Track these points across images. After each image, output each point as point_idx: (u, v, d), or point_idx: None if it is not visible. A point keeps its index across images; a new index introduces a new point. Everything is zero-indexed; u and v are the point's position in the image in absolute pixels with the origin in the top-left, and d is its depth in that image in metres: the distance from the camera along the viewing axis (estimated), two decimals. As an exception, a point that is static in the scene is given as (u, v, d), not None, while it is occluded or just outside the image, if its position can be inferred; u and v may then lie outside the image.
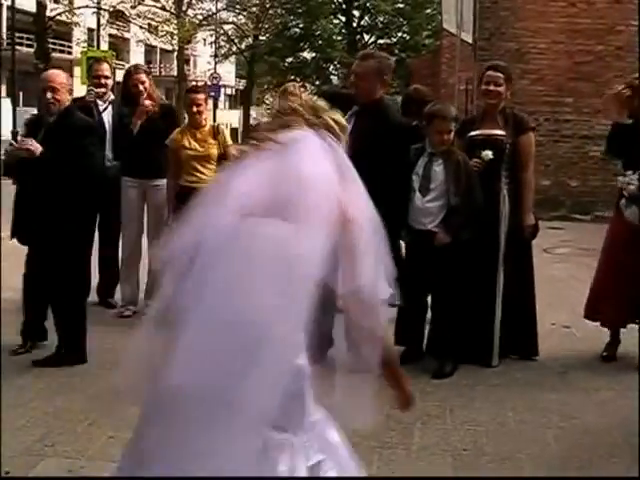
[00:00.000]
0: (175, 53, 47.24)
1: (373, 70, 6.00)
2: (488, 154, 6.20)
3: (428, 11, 39.18)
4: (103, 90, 7.72)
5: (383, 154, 5.78)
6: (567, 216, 12.27)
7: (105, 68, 7.91)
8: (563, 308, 7.46)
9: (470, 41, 15.73)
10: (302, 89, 8.34)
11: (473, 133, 6.34)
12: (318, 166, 2.64)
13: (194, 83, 36.23)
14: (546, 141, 12.88)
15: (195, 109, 7.21)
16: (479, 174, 6.14)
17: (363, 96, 5.99)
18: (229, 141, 7.39)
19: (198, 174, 7.19)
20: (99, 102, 7.68)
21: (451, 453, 4.76)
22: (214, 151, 7.22)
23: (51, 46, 38.42)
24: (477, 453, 4.78)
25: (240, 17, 47.38)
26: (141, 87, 7.43)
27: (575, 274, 9.02)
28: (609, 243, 6.33)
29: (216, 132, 7.29)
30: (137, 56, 46.56)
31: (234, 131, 46.30)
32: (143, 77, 7.50)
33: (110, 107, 7.73)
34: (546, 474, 4.57)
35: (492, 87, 6.34)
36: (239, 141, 37.19)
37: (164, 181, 7.49)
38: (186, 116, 7.52)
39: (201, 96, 7.29)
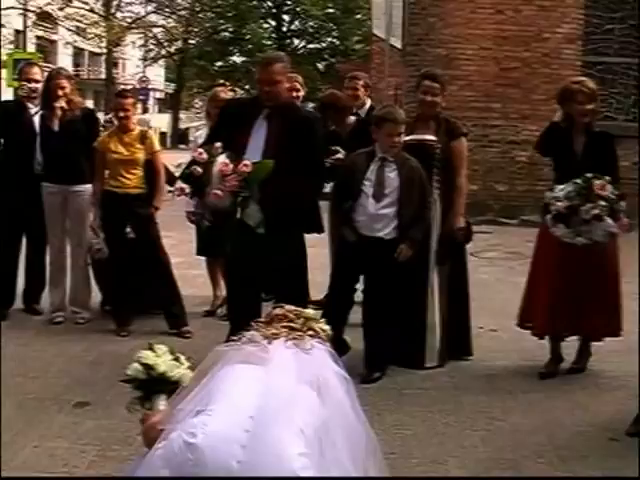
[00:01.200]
0: (104, 56, 46.77)
1: (279, 73, 5.97)
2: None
3: (358, 16, 39.33)
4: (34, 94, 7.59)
5: (300, 151, 5.80)
6: (495, 220, 12.42)
7: (35, 71, 7.79)
8: (490, 311, 7.54)
9: (399, 46, 15.81)
10: (231, 93, 8.33)
11: (406, 138, 6.33)
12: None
13: (122, 87, 35.90)
14: (474, 146, 12.94)
15: (123, 114, 7.15)
16: None
17: (273, 99, 5.94)
18: (157, 147, 7.35)
19: (122, 179, 7.14)
20: (29, 105, 7.57)
21: (379, 457, 4.78)
22: (140, 156, 7.16)
23: (-24, 48, 37.78)
24: (405, 457, 4.82)
25: (169, 20, 47.13)
26: (60, 92, 7.31)
27: (502, 277, 9.13)
28: (539, 254, 6.33)
29: (144, 137, 7.23)
30: (65, 59, 45.92)
31: (163, 135, 45.93)
32: (64, 82, 7.37)
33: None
34: (473, 477, 4.62)
35: (429, 98, 6.45)
36: (168, 145, 36.96)
37: (85, 187, 7.43)
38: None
39: (129, 100, 7.23)
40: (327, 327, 3.46)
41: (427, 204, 6.13)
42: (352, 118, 7.62)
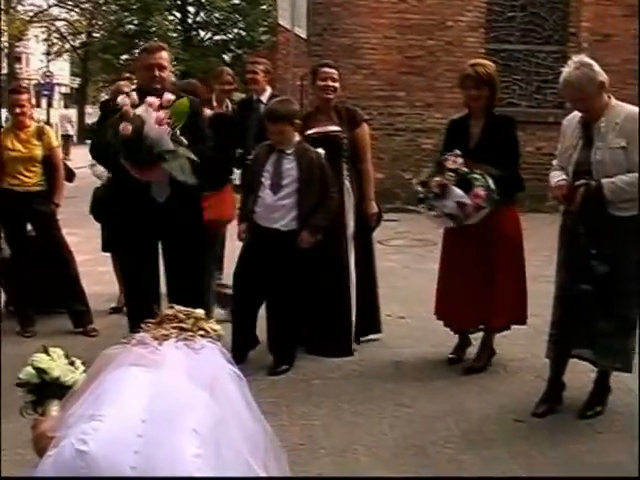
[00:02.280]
0: (5, 50, 45.76)
1: (167, 60, 5.98)
2: (320, 152, 6.23)
3: (264, 7, 39.15)
4: None
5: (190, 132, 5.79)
6: (401, 208, 12.43)
7: None
8: (398, 299, 7.58)
9: (304, 37, 15.79)
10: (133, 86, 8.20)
11: (310, 131, 6.39)
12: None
13: (19, 83, 35.12)
14: (380, 135, 13.05)
15: (18, 110, 6.98)
16: None
17: (161, 83, 5.91)
18: (54, 143, 7.20)
19: (21, 177, 6.97)
20: None
21: (288, 449, 4.71)
22: (38, 152, 7.00)
23: None
24: (314, 447, 4.81)
25: (72, 14, 46.31)
26: None
27: (410, 265, 9.18)
28: (445, 245, 6.32)
29: (41, 133, 7.07)
30: (-35, 54, 44.82)
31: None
32: None
33: None
34: (382, 464, 4.62)
35: (330, 82, 6.48)
36: (75, 141, 36.37)
37: None
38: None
39: (24, 96, 7.05)
40: (218, 327, 3.41)
41: (329, 193, 6.12)
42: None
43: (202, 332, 3.31)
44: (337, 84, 6.51)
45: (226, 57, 40.29)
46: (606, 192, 5.02)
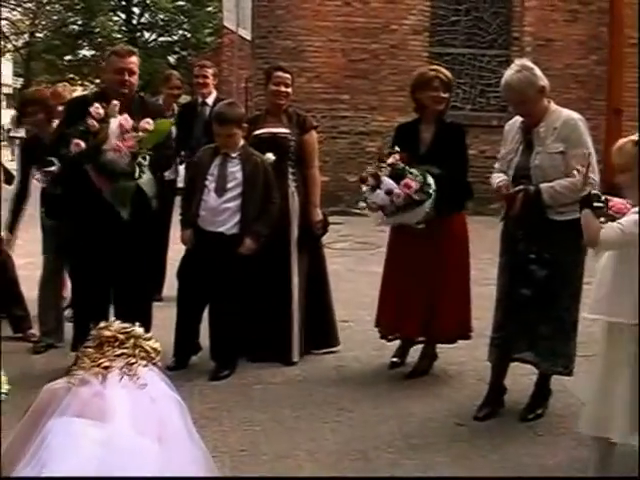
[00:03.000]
0: (-55, 51, 45.07)
1: (136, 64, 5.99)
2: (269, 157, 6.22)
3: (209, 9, 38.97)
4: None
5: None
6: (346, 211, 12.41)
7: None
8: (342, 302, 7.53)
9: (249, 39, 15.76)
10: (72, 89, 8.11)
11: (259, 132, 6.37)
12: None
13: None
14: (324, 138, 13.01)
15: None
16: None
17: (130, 88, 5.91)
18: None
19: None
20: None
21: (229, 455, 4.72)
22: None
23: None
24: (255, 453, 4.77)
25: (15, 13, 45.72)
26: None
27: (353, 268, 9.18)
28: (388, 252, 6.30)
29: None
30: None
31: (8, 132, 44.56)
32: None
33: None
34: (323, 469, 4.60)
35: (283, 88, 6.44)
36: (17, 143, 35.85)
37: None
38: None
39: None
40: (157, 344, 3.38)
41: (272, 199, 6.09)
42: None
43: (143, 354, 3.29)
44: (290, 89, 6.48)
45: (171, 59, 40.07)
46: (544, 197, 5.06)
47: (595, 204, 4.20)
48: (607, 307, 4.19)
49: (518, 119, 5.34)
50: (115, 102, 5.67)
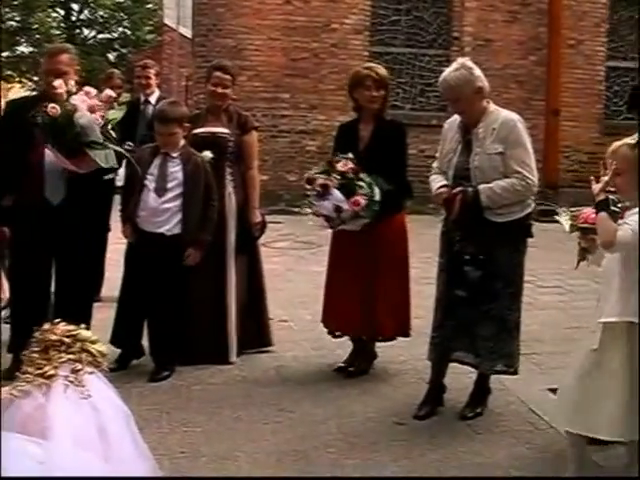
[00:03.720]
0: None
1: (66, 64, 5.81)
2: (207, 155, 6.16)
3: (149, 6, 38.65)
4: None
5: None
6: (285, 210, 12.35)
7: None
8: (281, 302, 7.52)
9: (190, 36, 15.67)
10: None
11: (198, 130, 6.30)
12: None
13: None
14: (264, 136, 12.93)
15: None
16: None
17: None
18: None
19: None
20: None
21: (168, 457, 4.66)
22: None
23: None
24: (194, 455, 4.73)
25: (-50, 9, 45.03)
26: None
27: (293, 267, 9.15)
28: (333, 249, 6.27)
29: None
30: None
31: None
32: None
33: None
34: (263, 470, 4.57)
35: (220, 90, 6.40)
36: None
37: None
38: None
39: None
40: (103, 347, 3.33)
41: (211, 202, 6.06)
42: None
43: (90, 358, 3.24)
44: (228, 90, 6.42)
45: (110, 56, 39.67)
46: (483, 198, 5.08)
47: (613, 208, 4.18)
48: (618, 308, 4.18)
49: (457, 118, 5.36)
50: (73, 82, 5.58)
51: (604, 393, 4.18)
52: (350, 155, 5.82)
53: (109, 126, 5.57)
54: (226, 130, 6.36)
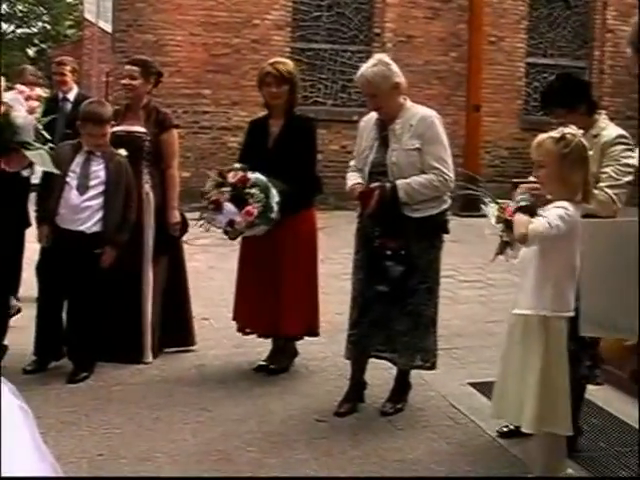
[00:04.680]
0: None
1: None
2: (122, 153, 6.09)
3: (70, 0, 38.21)
4: None
5: None
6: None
7: None
8: (203, 299, 7.47)
9: (110, 32, 15.49)
10: None
11: (115, 129, 6.21)
12: None
13: None
14: (185, 133, 12.86)
15: None
16: None
17: None
18: None
19: None
20: None
21: (87, 460, 4.61)
22: None
23: None
24: (113, 457, 4.67)
25: None
26: None
27: (214, 265, 9.12)
28: (243, 245, 6.23)
29: None
30: None
31: None
32: None
33: None
34: (183, 471, 4.53)
35: (127, 81, 6.33)
36: None
37: None
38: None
39: None
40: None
41: (132, 202, 6.02)
42: None
43: None
44: (136, 82, 6.29)
45: (30, 51, 39.10)
46: (401, 193, 5.11)
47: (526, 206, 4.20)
48: (532, 301, 4.22)
49: (374, 116, 5.37)
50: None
51: (524, 385, 4.23)
52: (237, 165, 5.85)
53: (40, 126, 5.48)
54: (142, 129, 6.28)
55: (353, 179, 5.36)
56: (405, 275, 5.20)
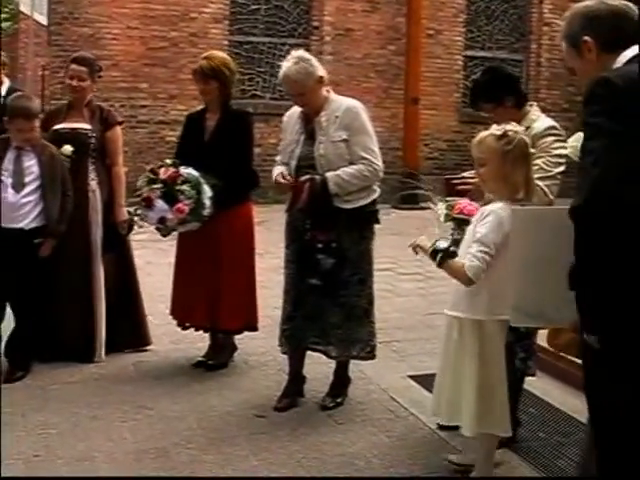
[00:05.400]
0: None
1: None
2: (68, 149, 6.03)
3: (4, -7, 37.67)
4: None
5: None
6: (143, 202, 12.23)
7: None
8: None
9: (45, 24, 15.26)
10: None
11: (58, 126, 6.16)
12: None
13: None
14: (123, 127, 12.65)
15: None
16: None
17: None
18: None
19: None
20: None
21: (23, 461, 4.56)
22: None
23: None
24: (50, 458, 4.62)
25: None
26: None
27: (152, 260, 9.04)
28: (179, 239, 6.21)
29: None
30: None
31: None
32: None
33: None
34: (121, 470, 4.49)
35: (75, 82, 6.24)
36: None
37: None
38: None
39: None
40: None
41: (67, 191, 5.94)
42: None
43: None
44: (85, 83, 6.23)
45: (-37, 45, 38.47)
46: (331, 185, 5.10)
47: (451, 250, 4.12)
48: (467, 305, 4.18)
49: (297, 110, 5.37)
50: None
51: (460, 388, 4.23)
52: (169, 161, 5.86)
53: None
54: (87, 126, 6.22)
55: (278, 171, 5.34)
56: (337, 267, 5.21)
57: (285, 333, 5.43)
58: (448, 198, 4.65)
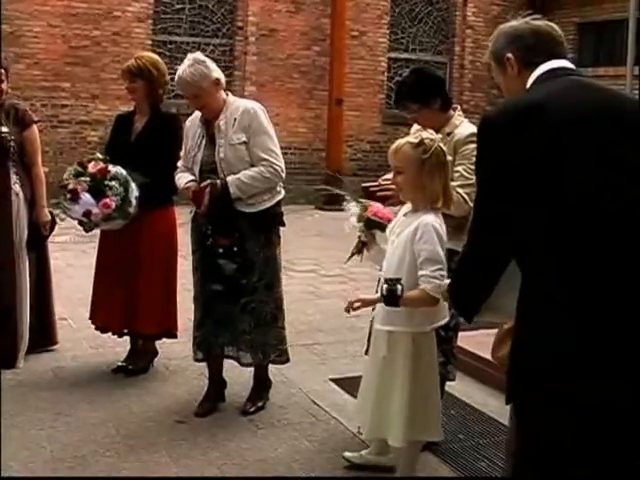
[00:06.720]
0: None
1: None
2: None
3: None
4: None
5: None
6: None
7: None
8: (61, 299, 7.26)
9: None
10: None
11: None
12: None
13: None
14: (44, 127, 12.53)
15: None
16: None
17: None
18: None
19: None
20: None
21: None
22: None
23: None
24: (-36, 467, 4.50)
25: None
26: None
27: (73, 262, 8.93)
28: (100, 243, 6.16)
29: None
30: None
31: None
32: None
33: None
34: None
35: None
36: None
37: None
38: None
39: None
40: None
41: None
42: None
43: None
44: (4, 85, 6.09)
45: None
46: (232, 189, 5.09)
47: (398, 291, 3.94)
48: (396, 319, 4.08)
49: (198, 114, 5.33)
50: None
51: (389, 403, 4.19)
52: (99, 155, 5.81)
53: None
54: (4, 129, 6.07)
55: (185, 178, 5.31)
56: (240, 272, 5.19)
57: (196, 340, 5.42)
58: (362, 200, 4.63)
